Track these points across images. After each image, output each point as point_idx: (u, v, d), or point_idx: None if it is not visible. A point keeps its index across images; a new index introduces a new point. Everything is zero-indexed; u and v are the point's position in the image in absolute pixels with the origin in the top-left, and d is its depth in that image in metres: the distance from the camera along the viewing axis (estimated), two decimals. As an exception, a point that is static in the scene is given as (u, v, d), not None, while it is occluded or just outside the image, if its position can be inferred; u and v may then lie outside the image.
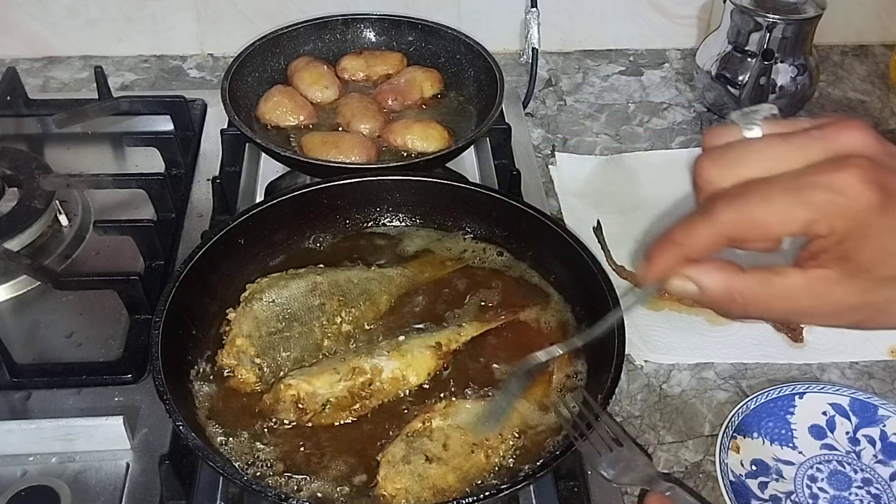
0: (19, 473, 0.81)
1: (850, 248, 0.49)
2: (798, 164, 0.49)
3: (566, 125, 1.33)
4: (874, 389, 0.94)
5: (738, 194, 0.49)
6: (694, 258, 0.52)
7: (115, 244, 1.04)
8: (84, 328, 0.96)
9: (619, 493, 0.82)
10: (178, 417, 0.73)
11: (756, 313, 0.53)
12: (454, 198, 1.00)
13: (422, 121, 1.17)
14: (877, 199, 0.47)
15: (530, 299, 0.93)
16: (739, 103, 1.29)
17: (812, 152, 0.49)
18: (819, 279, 0.50)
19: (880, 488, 0.84)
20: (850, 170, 0.47)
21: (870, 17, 1.52)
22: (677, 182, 1.19)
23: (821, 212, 0.48)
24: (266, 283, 0.91)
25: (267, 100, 1.19)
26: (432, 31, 1.30)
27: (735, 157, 0.50)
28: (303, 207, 0.98)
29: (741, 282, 0.52)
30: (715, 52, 1.31)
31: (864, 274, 0.50)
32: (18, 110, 1.26)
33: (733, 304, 0.52)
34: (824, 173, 0.48)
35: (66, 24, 1.41)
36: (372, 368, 0.82)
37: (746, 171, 0.50)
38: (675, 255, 0.52)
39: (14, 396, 0.88)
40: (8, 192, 1.06)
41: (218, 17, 1.43)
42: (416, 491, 0.73)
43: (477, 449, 0.77)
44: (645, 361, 0.96)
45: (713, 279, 0.52)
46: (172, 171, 1.15)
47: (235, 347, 0.84)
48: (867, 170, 0.47)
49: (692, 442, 0.88)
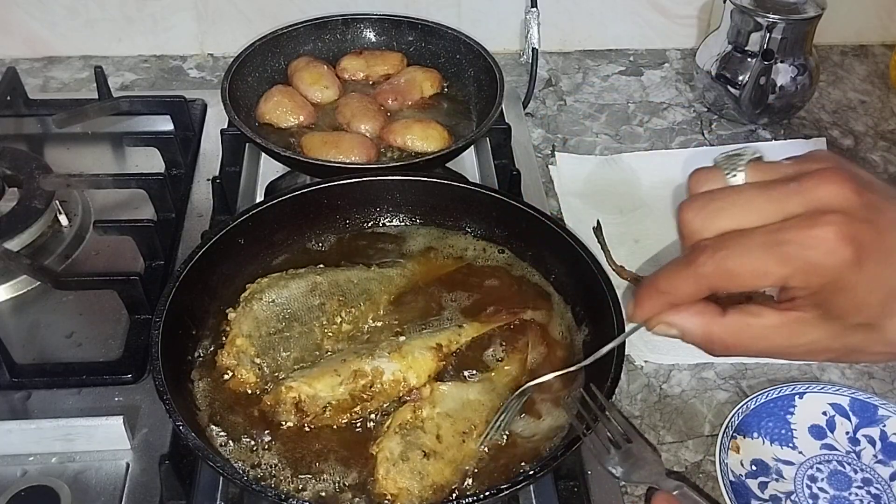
0: (19, 473, 0.81)
1: (824, 299, 0.50)
2: (777, 217, 0.50)
3: (566, 125, 1.33)
4: (874, 389, 0.94)
5: (719, 247, 0.51)
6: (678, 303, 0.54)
7: (115, 244, 1.04)
8: (84, 328, 0.96)
9: (620, 493, 0.82)
10: (178, 417, 0.73)
11: (735, 352, 0.55)
12: (454, 198, 1.00)
13: (422, 121, 1.17)
14: (851, 255, 0.48)
15: (530, 299, 0.93)
16: (739, 103, 1.29)
17: (790, 205, 0.50)
18: (794, 321, 0.52)
19: (880, 488, 0.84)
20: (824, 227, 0.48)
21: (870, 17, 1.52)
22: (677, 182, 1.21)
23: (796, 268, 0.49)
24: (266, 283, 0.91)
25: (267, 100, 1.19)
26: (432, 31, 1.30)
27: (716, 208, 0.52)
28: (303, 207, 0.98)
29: (719, 325, 0.54)
30: (715, 52, 1.31)
31: (839, 320, 0.51)
32: (18, 110, 1.26)
33: (712, 345, 0.55)
34: (800, 229, 0.49)
35: (66, 24, 1.41)
36: (373, 370, 0.82)
37: (727, 222, 0.51)
38: (659, 302, 0.54)
39: (14, 396, 0.88)
40: (8, 192, 1.06)
41: (218, 17, 1.43)
42: (418, 490, 0.74)
43: (467, 437, 0.78)
44: (645, 361, 0.96)
45: (692, 324, 0.55)
46: (172, 171, 1.15)
47: (235, 347, 0.84)
48: (842, 225, 0.48)
49: (692, 442, 0.88)
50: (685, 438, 0.89)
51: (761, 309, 0.53)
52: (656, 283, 0.54)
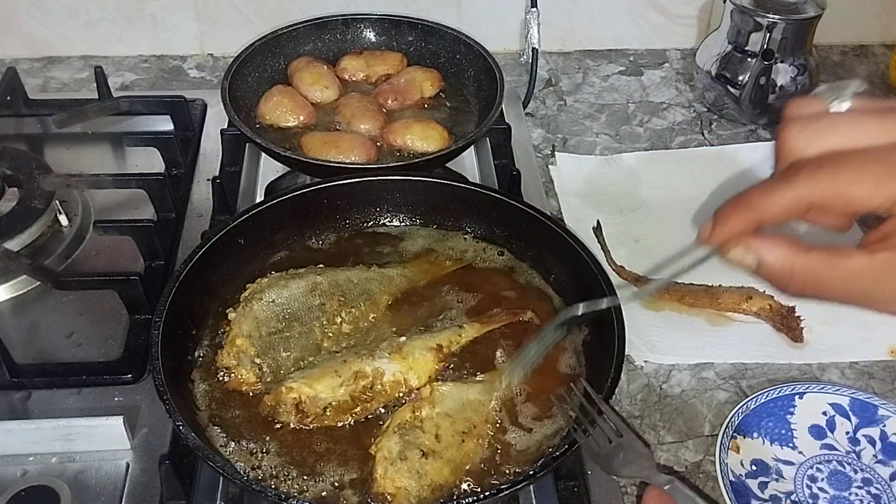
0: (19, 473, 0.81)
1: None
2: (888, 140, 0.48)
3: (566, 125, 1.33)
4: (874, 389, 0.94)
5: (826, 163, 0.49)
6: (768, 222, 0.51)
7: (115, 244, 1.04)
8: (84, 328, 0.96)
9: (620, 493, 0.82)
10: (178, 417, 0.73)
11: (813, 293, 0.52)
12: (454, 198, 1.00)
13: (422, 121, 1.17)
14: None
15: (530, 300, 0.93)
16: (739, 103, 1.29)
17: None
18: (885, 262, 0.49)
19: (880, 488, 0.84)
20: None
21: (870, 17, 1.52)
22: (677, 182, 1.21)
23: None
24: (266, 283, 0.91)
25: (267, 100, 1.19)
26: (432, 31, 1.30)
27: (824, 126, 0.50)
28: (303, 207, 0.98)
29: (803, 260, 0.51)
30: (715, 52, 1.31)
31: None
32: (18, 110, 1.26)
33: (791, 281, 0.52)
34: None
35: (66, 24, 1.41)
36: (373, 371, 0.82)
37: (835, 141, 0.49)
38: (748, 217, 0.51)
39: (14, 396, 0.88)
40: (8, 192, 1.06)
41: (218, 17, 1.43)
42: (416, 490, 0.73)
43: (467, 437, 0.78)
44: (645, 362, 0.96)
45: (775, 254, 0.51)
46: (172, 171, 1.15)
47: (235, 347, 0.84)
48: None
49: (692, 442, 0.88)
50: (685, 438, 0.89)
51: (849, 249, 0.50)
52: (747, 197, 0.51)
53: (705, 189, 1.18)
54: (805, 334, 0.98)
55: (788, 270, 0.51)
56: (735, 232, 0.52)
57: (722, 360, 0.97)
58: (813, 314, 0.99)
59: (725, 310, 1.00)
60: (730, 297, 1.00)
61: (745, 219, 0.51)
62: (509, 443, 0.79)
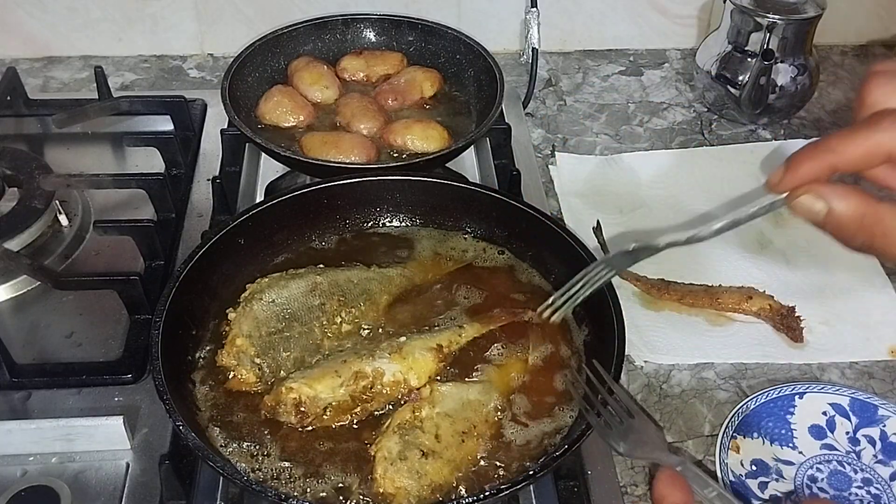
0: (19, 473, 0.81)
1: None
2: None
3: (566, 125, 1.33)
4: (874, 389, 0.94)
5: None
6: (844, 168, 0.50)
7: (115, 244, 1.04)
8: (84, 328, 0.96)
9: (620, 493, 0.82)
10: (178, 417, 0.73)
11: (879, 246, 0.51)
12: (454, 198, 1.00)
13: (422, 121, 1.17)
14: None
15: (531, 300, 0.93)
16: (739, 103, 1.29)
17: None
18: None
19: (880, 488, 0.84)
20: None
21: (870, 17, 1.52)
22: (677, 182, 1.21)
23: None
24: (266, 283, 0.91)
25: (267, 100, 1.19)
26: (432, 31, 1.30)
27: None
28: (303, 207, 0.98)
29: (873, 210, 0.50)
30: (715, 52, 1.31)
31: None
32: (18, 110, 1.26)
33: (860, 231, 0.51)
34: None
35: (66, 24, 1.41)
36: (374, 371, 0.82)
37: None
38: (824, 162, 0.50)
39: (14, 396, 0.88)
40: (8, 192, 1.06)
41: (218, 17, 1.43)
42: (416, 490, 0.74)
43: (466, 437, 0.78)
44: (645, 362, 0.96)
45: (847, 202, 0.50)
46: (172, 171, 1.16)
47: (235, 347, 0.84)
48: None
49: (692, 442, 0.88)
50: (685, 438, 0.89)
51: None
52: (826, 141, 0.50)
53: (705, 189, 1.18)
54: (805, 334, 0.98)
55: (858, 219, 0.50)
56: (808, 177, 0.51)
57: (722, 360, 0.97)
58: (813, 314, 0.99)
59: (725, 310, 1.00)
60: (730, 297, 1.00)
61: (820, 163, 0.50)
62: (509, 442, 0.79)
